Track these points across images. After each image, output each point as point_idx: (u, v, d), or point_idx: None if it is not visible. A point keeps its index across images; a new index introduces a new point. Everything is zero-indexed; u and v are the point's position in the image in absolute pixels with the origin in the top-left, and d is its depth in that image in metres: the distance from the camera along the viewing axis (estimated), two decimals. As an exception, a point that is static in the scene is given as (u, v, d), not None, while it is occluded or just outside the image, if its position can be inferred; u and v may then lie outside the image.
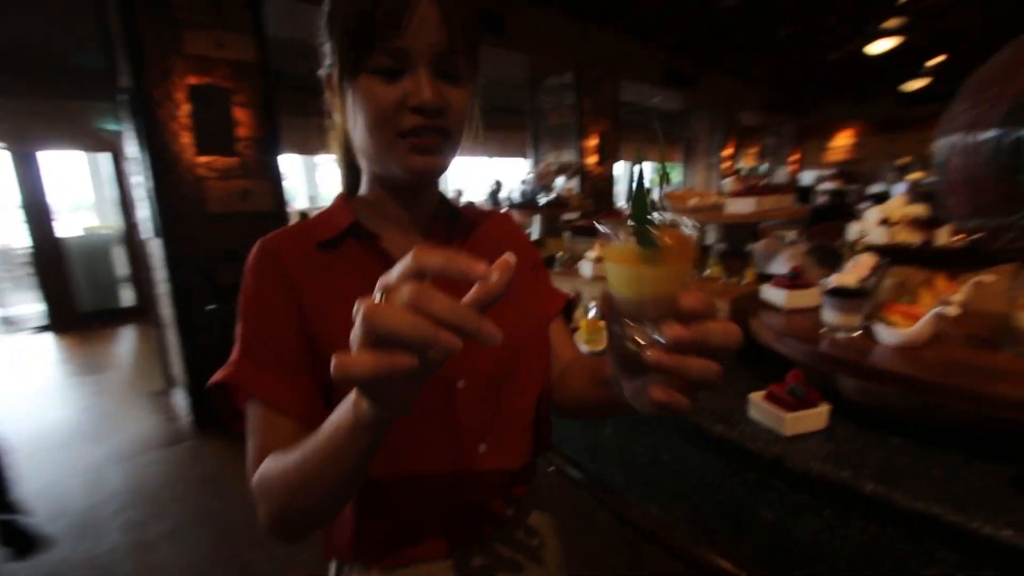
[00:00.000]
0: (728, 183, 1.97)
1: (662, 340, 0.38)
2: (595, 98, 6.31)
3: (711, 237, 1.87)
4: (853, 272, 1.10)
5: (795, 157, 13.54)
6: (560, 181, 3.36)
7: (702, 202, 1.93)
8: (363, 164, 0.65)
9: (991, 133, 1.93)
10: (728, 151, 10.90)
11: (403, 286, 0.34)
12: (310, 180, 8.15)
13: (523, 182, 3.61)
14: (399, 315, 0.33)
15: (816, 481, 0.88)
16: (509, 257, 0.36)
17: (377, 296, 0.35)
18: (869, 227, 1.42)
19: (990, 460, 0.84)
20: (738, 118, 11.13)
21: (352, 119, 0.59)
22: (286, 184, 3.19)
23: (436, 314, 0.33)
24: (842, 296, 1.04)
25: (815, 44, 7.86)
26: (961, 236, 1.41)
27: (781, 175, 12.56)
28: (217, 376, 0.57)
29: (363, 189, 0.67)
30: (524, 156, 6.84)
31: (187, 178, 2.86)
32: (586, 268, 1.78)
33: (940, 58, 8.82)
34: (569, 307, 0.84)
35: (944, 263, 1.32)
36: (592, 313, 1.54)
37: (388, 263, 0.62)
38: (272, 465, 0.51)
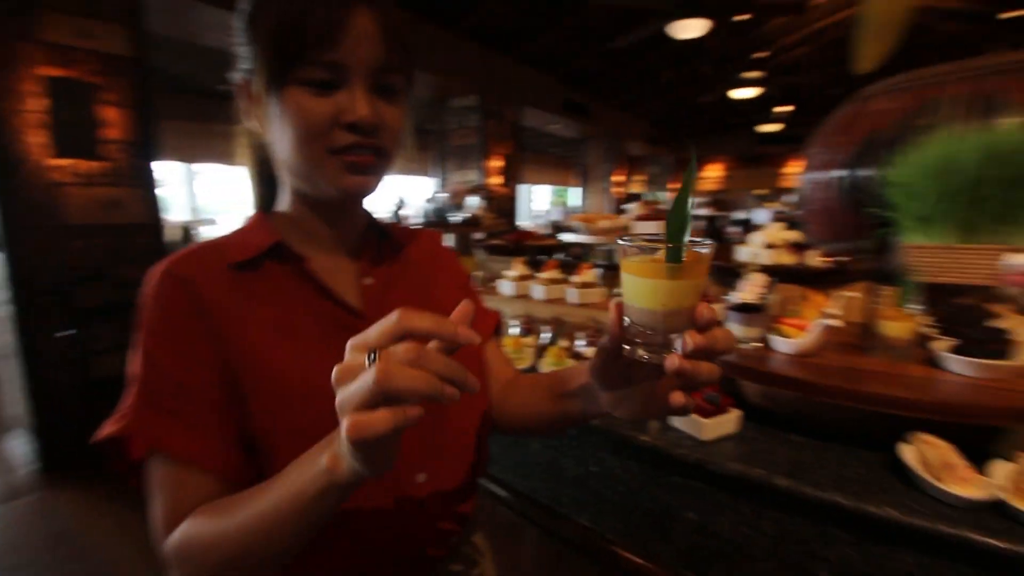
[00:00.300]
0: (634, 208, 2.13)
1: (677, 348, 0.42)
2: (498, 121, 6.50)
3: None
4: (751, 289, 1.25)
5: (674, 185, 14.95)
6: (473, 200, 3.41)
7: (611, 224, 2.06)
8: (285, 179, 0.61)
9: (840, 172, 2.29)
10: (619, 177, 11.77)
11: (400, 346, 0.37)
12: (190, 190, 7.41)
13: (430, 200, 3.59)
14: (412, 374, 0.36)
15: (734, 480, 0.96)
16: (466, 306, 0.39)
17: (361, 357, 0.37)
18: (757, 249, 1.62)
19: (870, 449, 0.99)
20: (627, 148, 12.11)
21: (275, 131, 0.55)
22: (163, 193, 2.87)
23: (438, 371, 0.37)
24: (744, 311, 1.17)
25: (691, 87, 8.84)
26: (827, 258, 1.66)
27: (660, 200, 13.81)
28: (109, 428, 0.50)
29: (284, 205, 0.63)
30: (426, 174, 6.82)
31: (37, 183, 2.46)
32: (506, 287, 1.82)
33: (789, 108, 10.37)
34: (498, 326, 0.86)
35: (816, 281, 1.54)
36: (514, 331, 1.57)
37: (317, 287, 0.59)
38: (202, 528, 0.46)
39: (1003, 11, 5.58)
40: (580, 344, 1.46)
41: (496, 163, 6.69)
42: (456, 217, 3.32)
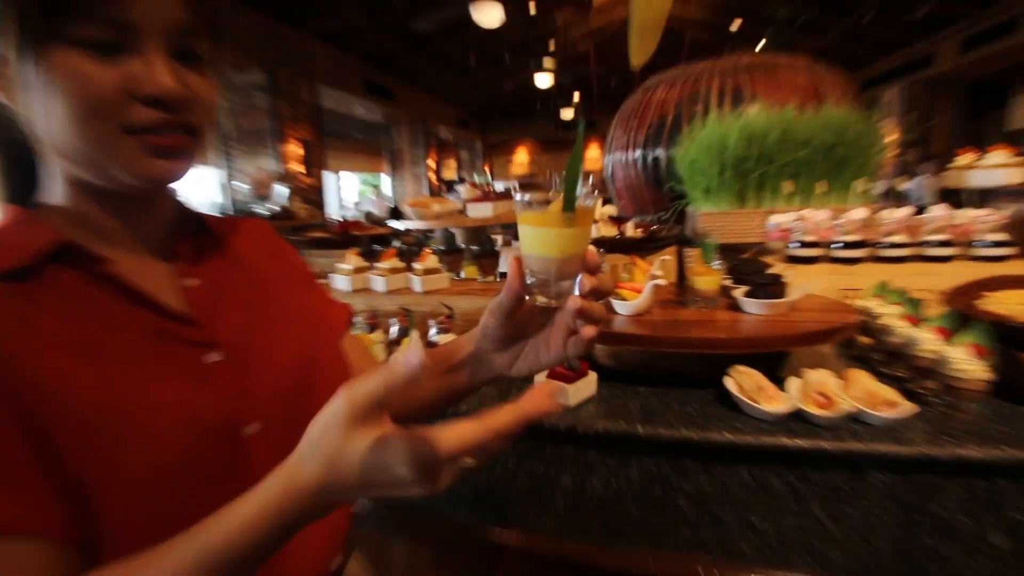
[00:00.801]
0: (464, 190, 2.15)
1: (575, 291, 0.49)
2: (292, 103, 5.96)
3: (458, 240, 2.01)
4: (588, 260, 1.36)
5: (487, 169, 15.58)
6: (282, 190, 3.07)
7: (444, 209, 2.05)
8: (55, 164, 0.49)
9: (638, 153, 2.62)
10: (431, 162, 11.80)
11: (439, 465, 0.39)
12: None
13: (227, 191, 3.14)
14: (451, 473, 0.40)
15: (601, 438, 1.05)
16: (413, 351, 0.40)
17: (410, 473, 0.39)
18: (585, 224, 1.77)
19: (702, 387, 1.17)
20: (436, 132, 12.19)
21: (36, 105, 0.44)
22: None
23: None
24: (587, 280, 1.28)
25: (494, 72, 9.24)
26: (640, 228, 1.89)
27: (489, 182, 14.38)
28: None
29: (55, 197, 0.50)
30: (205, 163, 5.97)
31: None
32: (341, 282, 1.69)
33: (577, 95, 11.53)
34: (350, 319, 0.82)
35: (636, 249, 1.75)
36: (358, 329, 1.47)
37: (126, 294, 0.49)
38: None
39: (731, 23, 7.03)
40: (433, 332, 1.43)
41: (294, 149, 6.14)
42: (262, 210, 2.97)
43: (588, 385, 1.15)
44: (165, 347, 0.49)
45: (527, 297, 0.52)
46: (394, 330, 1.51)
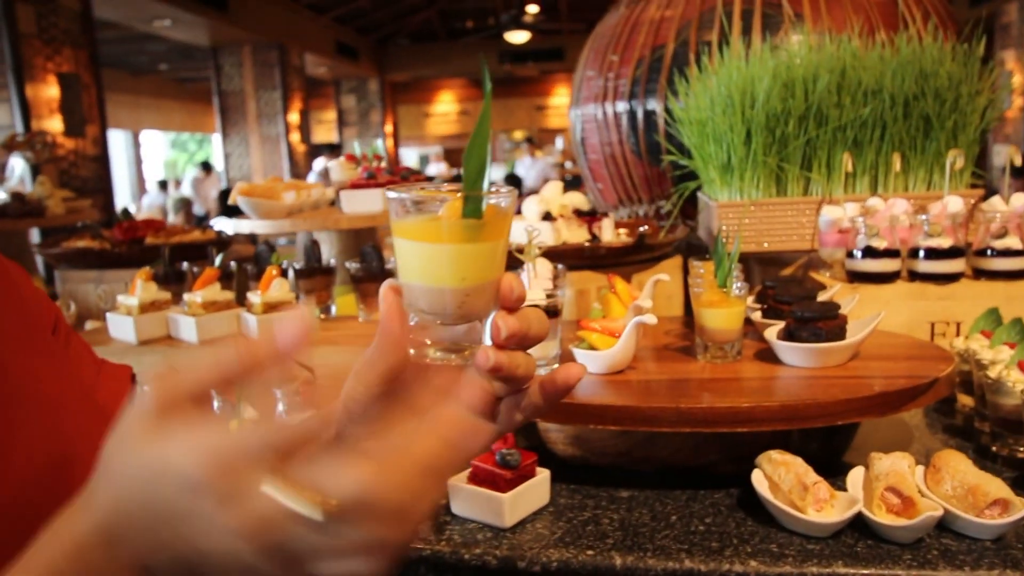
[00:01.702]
0: (337, 165, 2.16)
1: (484, 338, 0.51)
2: (46, 10, 5.83)
3: (326, 253, 2.01)
4: (536, 284, 1.39)
5: (389, 128, 15.63)
6: (18, 164, 2.99)
7: (303, 199, 2.05)
8: None
9: (621, 106, 2.73)
10: (294, 116, 11.74)
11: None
12: None
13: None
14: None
15: (557, 575, 1.07)
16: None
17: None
18: (534, 223, 1.81)
19: (714, 488, 1.21)
20: (301, 64, 12.15)
21: None
22: None
23: None
24: (534, 318, 1.31)
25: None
26: (625, 229, 1.96)
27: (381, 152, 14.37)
28: None
29: None
30: None
31: None
32: (123, 327, 1.65)
33: (535, 8, 11.84)
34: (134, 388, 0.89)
35: (616, 263, 1.81)
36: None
37: None
38: None
39: None
40: (280, 409, 1.42)
41: (47, 92, 5.97)
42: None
43: (535, 491, 1.17)
44: None
45: (410, 351, 0.53)
46: (214, 408, 1.48)
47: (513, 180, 9.16)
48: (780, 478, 1.11)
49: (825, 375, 1.25)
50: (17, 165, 3.06)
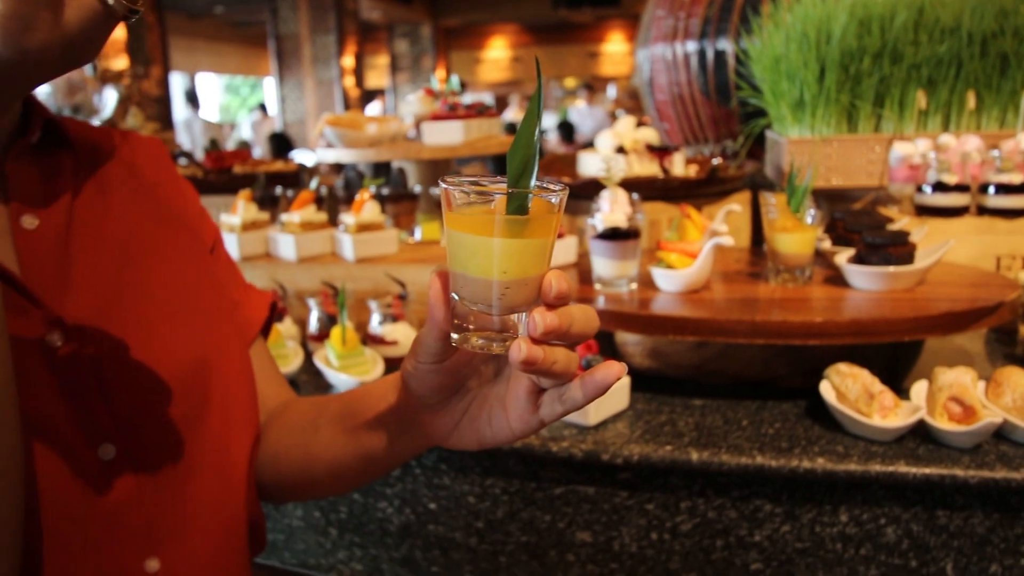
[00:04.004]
0: (417, 99, 2.24)
1: (522, 330, 0.51)
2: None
3: (413, 181, 2.11)
4: (615, 210, 1.47)
5: (441, 73, 15.60)
6: (110, 96, 3.12)
7: (384, 130, 2.14)
8: None
9: (691, 46, 2.75)
10: (349, 60, 11.77)
11: None
12: None
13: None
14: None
15: (638, 469, 1.17)
16: None
17: None
18: (608, 156, 1.88)
19: (782, 399, 1.30)
20: (355, 9, 12.14)
21: None
22: None
23: None
24: (616, 239, 1.39)
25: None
26: (695, 164, 2.02)
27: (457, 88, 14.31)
28: None
29: None
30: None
31: None
32: (225, 243, 1.78)
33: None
34: (273, 317, 0.91)
35: (687, 195, 1.88)
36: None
37: None
38: None
39: None
40: (376, 322, 1.53)
41: (115, 34, 6.11)
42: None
43: (616, 394, 1.27)
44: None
45: (454, 336, 0.54)
46: (314, 318, 1.61)
47: (567, 128, 9.11)
48: (847, 388, 1.19)
49: (893, 297, 1.32)
50: (110, 98, 3.18)
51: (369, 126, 2.11)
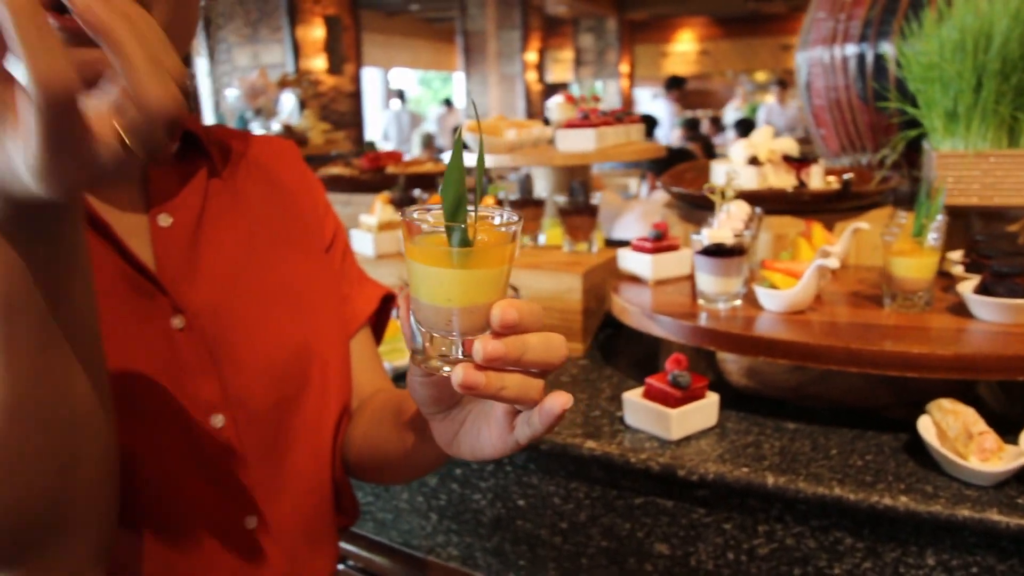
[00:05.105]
0: (556, 106, 2.30)
1: (472, 353, 0.53)
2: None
3: (541, 187, 2.18)
4: (727, 224, 1.47)
5: (625, 68, 15.52)
6: (289, 100, 3.41)
7: (522, 135, 2.22)
8: None
9: (850, 49, 2.63)
10: (532, 55, 12.00)
11: None
12: None
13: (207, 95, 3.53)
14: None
15: (713, 487, 1.18)
16: None
17: None
18: (738, 167, 1.86)
19: (882, 430, 1.25)
20: (540, 5, 12.33)
21: None
22: None
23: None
24: (719, 255, 1.39)
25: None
26: (835, 176, 1.94)
27: (612, 93, 14.19)
28: None
29: None
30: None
31: None
32: (363, 242, 1.92)
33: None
34: (384, 311, 0.99)
35: (819, 209, 1.81)
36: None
37: (101, 235, 0.67)
38: None
39: None
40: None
41: (313, 34, 6.52)
42: (260, 131, 3.33)
43: (702, 411, 1.28)
44: (133, 304, 0.69)
45: (416, 357, 0.57)
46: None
47: (745, 125, 8.74)
48: (948, 425, 1.13)
49: (1014, 331, 1.23)
50: (288, 101, 3.47)
51: (508, 131, 2.19)
